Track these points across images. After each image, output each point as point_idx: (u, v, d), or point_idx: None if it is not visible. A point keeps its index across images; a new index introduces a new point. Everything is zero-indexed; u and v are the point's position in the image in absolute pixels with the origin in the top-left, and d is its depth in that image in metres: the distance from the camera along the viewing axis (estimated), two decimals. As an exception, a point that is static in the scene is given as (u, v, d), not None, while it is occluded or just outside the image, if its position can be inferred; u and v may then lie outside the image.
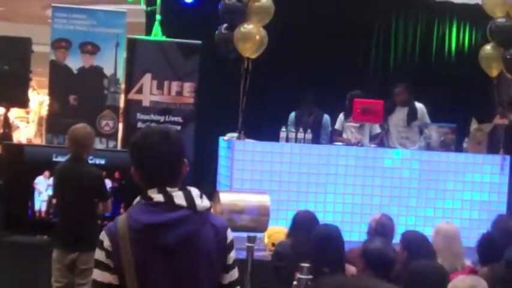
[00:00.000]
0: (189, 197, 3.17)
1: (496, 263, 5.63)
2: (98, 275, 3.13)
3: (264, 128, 10.54)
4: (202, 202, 3.20)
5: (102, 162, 8.44)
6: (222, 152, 10.60)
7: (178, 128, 10.53)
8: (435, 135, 10.51)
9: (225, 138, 10.43)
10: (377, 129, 10.90)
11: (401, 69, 12.12)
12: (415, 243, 5.98)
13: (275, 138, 10.20)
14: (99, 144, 10.30)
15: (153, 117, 10.85)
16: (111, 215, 7.40)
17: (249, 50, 9.98)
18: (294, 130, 10.18)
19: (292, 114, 11.10)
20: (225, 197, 7.81)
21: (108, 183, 8.15)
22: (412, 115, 11.02)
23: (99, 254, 3.14)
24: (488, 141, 10.65)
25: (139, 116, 10.89)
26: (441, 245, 6.28)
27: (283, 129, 10.22)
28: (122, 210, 8.09)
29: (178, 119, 10.96)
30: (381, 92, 10.93)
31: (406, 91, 11.02)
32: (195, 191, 3.21)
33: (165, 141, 3.19)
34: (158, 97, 10.99)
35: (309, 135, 10.18)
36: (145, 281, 3.08)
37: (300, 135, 10.12)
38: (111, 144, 10.78)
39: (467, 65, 11.30)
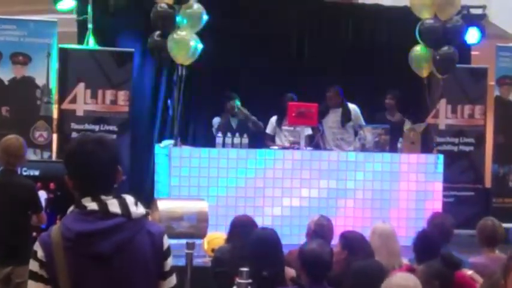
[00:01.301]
0: (123, 204, 3.15)
1: (432, 259, 5.70)
2: (32, 286, 3.09)
3: (200, 134, 10.53)
4: (137, 209, 3.18)
5: (37, 173, 8.33)
6: (159, 159, 10.56)
7: (114, 136, 10.47)
8: (369, 136, 10.61)
9: (162, 145, 10.39)
10: (308, 130, 10.96)
11: (333, 72, 12.20)
12: (355, 242, 6.03)
13: (211, 144, 10.21)
14: (33, 156, 10.19)
15: (87, 126, 10.77)
16: (47, 226, 7.30)
17: (183, 57, 9.96)
18: (220, 135, 10.16)
19: (217, 119, 11.11)
20: (163, 205, 7.79)
21: (43, 194, 8.05)
22: (346, 117, 11.13)
23: (33, 265, 3.11)
24: (421, 140, 10.79)
25: (73, 125, 10.81)
26: (378, 244, 6.34)
27: (219, 135, 10.22)
28: (57, 221, 7.97)
29: (113, 127, 10.90)
30: (314, 95, 11.00)
31: (337, 94, 11.13)
32: (129, 199, 3.19)
33: (100, 149, 3.17)
34: (92, 106, 10.93)
35: (245, 140, 10.19)
36: (80, 291, 3.06)
37: (237, 140, 10.13)
38: (46, 155, 10.67)
39: (398, 66, 11.42)
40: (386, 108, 11.46)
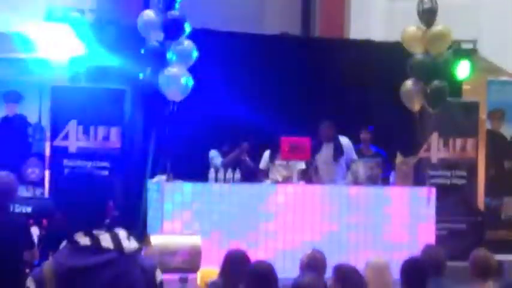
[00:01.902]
0: (116, 239, 3.15)
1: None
2: (24, 322, 3.09)
3: (192, 169, 10.52)
4: (129, 244, 3.18)
5: (29, 209, 8.33)
6: (151, 194, 10.54)
7: (106, 172, 10.47)
8: (362, 170, 10.63)
9: (154, 180, 10.39)
10: (302, 165, 10.98)
11: (324, 107, 12.24)
12: (348, 276, 6.02)
13: (204, 178, 10.21)
14: (25, 192, 10.18)
15: (79, 163, 10.76)
16: (40, 263, 7.27)
17: (174, 93, 9.99)
18: (213, 170, 10.21)
19: (215, 153, 11.16)
20: (156, 240, 7.80)
21: (36, 230, 8.03)
22: (338, 151, 11.17)
23: (25, 301, 3.11)
24: (413, 173, 10.82)
25: (65, 162, 10.79)
26: (372, 277, 6.33)
27: (211, 169, 10.23)
28: (50, 258, 7.96)
29: (106, 164, 10.89)
30: (305, 130, 11.04)
31: (331, 127, 11.20)
32: (122, 233, 3.19)
33: (88, 185, 3.18)
34: (84, 143, 10.92)
35: (237, 175, 10.21)
36: (72, 326, 3.05)
37: (229, 175, 10.15)
38: (38, 191, 10.65)
39: (390, 100, 11.48)
40: (361, 142, 11.57)
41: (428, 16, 10.77)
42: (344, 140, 11.27)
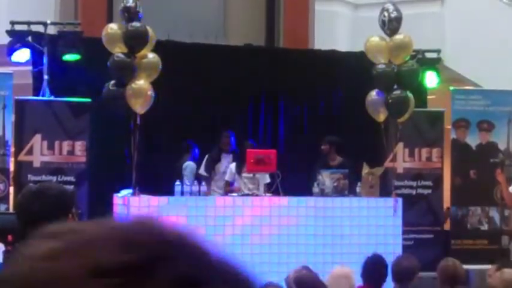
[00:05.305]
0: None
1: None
2: None
3: (158, 183, 10.47)
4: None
5: (-6, 226, 8.22)
6: (118, 209, 10.46)
7: (72, 187, 10.38)
8: (328, 182, 10.63)
9: (120, 195, 10.32)
10: (267, 178, 10.95)
11: (291, 118, 12.26)
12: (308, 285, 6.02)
13: (170, 192, 10.16)
14: (-11, 208, 10.08)
15: (44, 178, 10.68)
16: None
17: (140, 106, 9.94)
18: (178, 183, 10.19)
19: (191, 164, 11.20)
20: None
21: (1, 247, 7.92)
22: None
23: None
24: (380, 184, 10.84)
25: (30, 177, 10.71)
26: (333, 286, 6.37)
27: (177, 182, 10.18)
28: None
29: (71, 178, 10.83)
30: (272, 143, 11.05)
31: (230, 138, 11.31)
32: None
33: (37, 198, 3.17)
34: (49, 157, 10.85)
35: (203, 188, 10.18)
36: None
37: (195, 187, 10.13)
38: (3, 207, 10.56)
39: (356, 111, 11.51)
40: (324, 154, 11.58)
41: (391, 26, 10.81)
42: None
